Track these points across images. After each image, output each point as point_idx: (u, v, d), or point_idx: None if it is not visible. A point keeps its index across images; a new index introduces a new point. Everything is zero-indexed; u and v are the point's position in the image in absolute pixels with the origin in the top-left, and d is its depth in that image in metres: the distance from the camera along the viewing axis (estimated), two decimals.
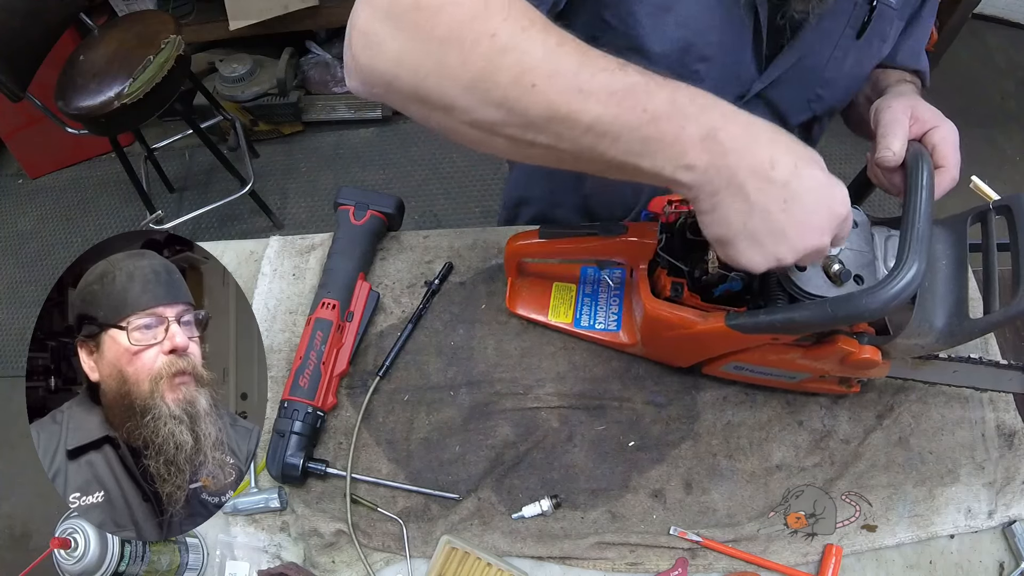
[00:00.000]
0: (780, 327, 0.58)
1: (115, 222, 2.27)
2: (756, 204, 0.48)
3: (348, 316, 0.82)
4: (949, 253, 0.63)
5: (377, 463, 0.77)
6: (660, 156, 0.48)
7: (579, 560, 0.71)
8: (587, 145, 0.49)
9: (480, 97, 0.49)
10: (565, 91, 0.47)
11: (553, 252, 0.77)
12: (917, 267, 0.51)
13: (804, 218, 0.49)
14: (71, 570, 0.60)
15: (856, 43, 0.74)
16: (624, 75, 0.48)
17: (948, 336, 0.60)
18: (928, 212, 0.55)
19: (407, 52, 0.49)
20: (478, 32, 0.47)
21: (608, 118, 0.47)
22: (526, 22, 0.48)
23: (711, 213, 0.50)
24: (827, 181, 0.50)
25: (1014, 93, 2.41)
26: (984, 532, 0.72)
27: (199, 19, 2.12)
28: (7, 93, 1.51)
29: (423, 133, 2.35)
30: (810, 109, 0.81)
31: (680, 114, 0.47)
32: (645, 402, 0.79)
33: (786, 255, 0.50)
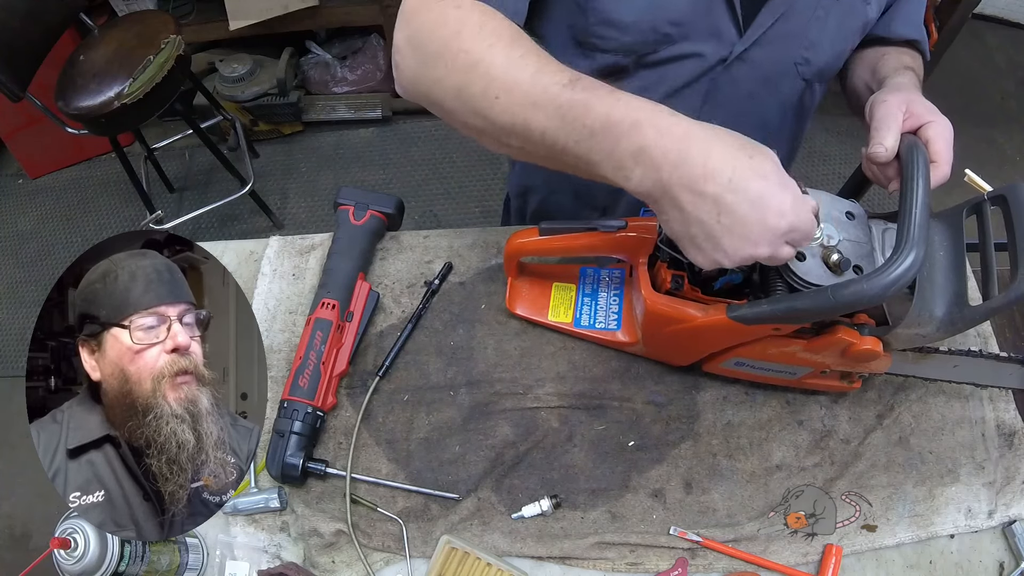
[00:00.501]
0: (782, 316, 0.58)
1: (115, 222, 2.27)
2: (691, 215, 0.52)
3: (348, 316, 0.82)
4: (946, 244, 0.63)
5: (377, 463, 0.77)
6: (602, 166, 0.53)
7: (579, 560, 0.71)
8: (546, 152, 0.56)
9: (464, 105, 0.57)
10: (521, 103, 0.54)
11: (553, 249, 0.77)
12: (916, 252, 0.51)
13: (737, 230, 0.51)
14: (71, 570, 0.60)
15: (838, 2, 0.74)
16: (571, 90, 0.53)
17: (949, 324, 0.60)
18: (925, 200, 0.55)
19: (417, 67, 0.59)
20: (455, 49, 0.56)
21: (553, 130, 0.54)
22: (493, 38, 0.56)
23: (659, 216, 0.55)
24: (766, 192, 0.51)
25: (1014, 93, 2.41)
26: (984, 532, 0.72)
27: (199, 19, 2.12)
28: (7, 93, 1.51)
29: (423, 133, 2.35)
30: (798, 73, 0.80)
31: (614, 131, 0.52)
32: (645, 402, 0.79)
33: (723, 260, 0.53)
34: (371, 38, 2.28)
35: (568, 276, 0.86)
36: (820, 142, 2.23)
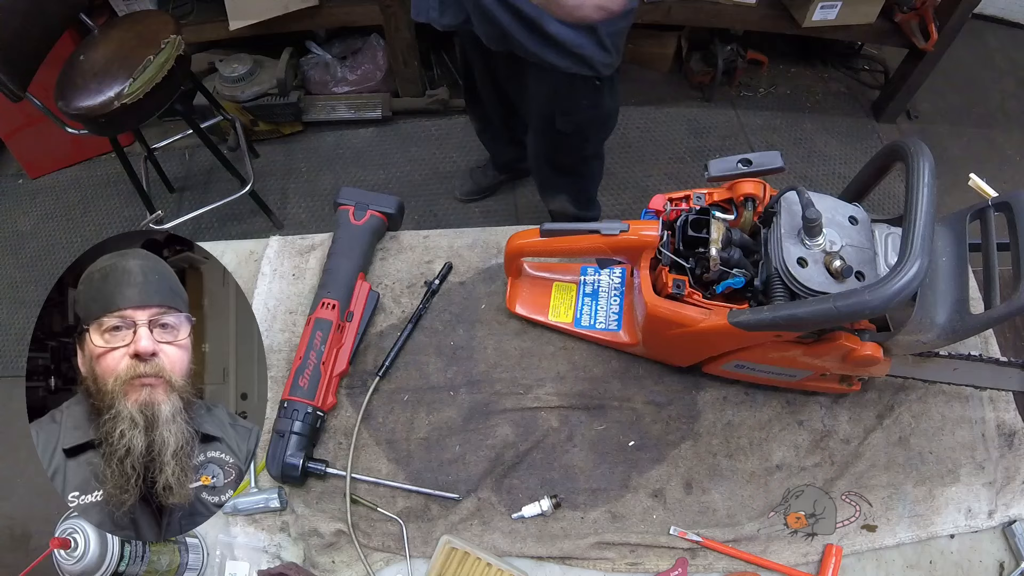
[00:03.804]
0: (784, 324, 0.58)
1: (115, 222, 2.27)
2: None
3: (348, 316, 0.82)
4: (949, 250, 0.63)
5: (377, 463, 0.77)
6: None
7: (579, 560, 0.71)
8: None
9: None
10: None
11: (553, 251, 0.77)
12: (920, 263, 0.51)
13: None
14: (71, 570, 0.60)
15: None
16: None
17: (950, 332, 0.60)
18: (930, 210, 0.55)
19: None
20: None
21: None
22: None
23: None
24: None
25: (1014, 93, 2.41)
26: (984, 532, 0.72)
27: (199, 19, 2.12)
28: (7, 93, 1.50)
29: (423, 133, 2.35)
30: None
31: None
32: (645, 402, 0.79)
33: None
34: (371, 38, 2.28)
35: (569, 276, 0.86)
36: (820, 142, 2.23)
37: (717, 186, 0.69)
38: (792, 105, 2.31)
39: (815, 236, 0.60)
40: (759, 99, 2.37)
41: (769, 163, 0.66)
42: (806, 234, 0.60)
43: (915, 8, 1.96)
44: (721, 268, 0.63)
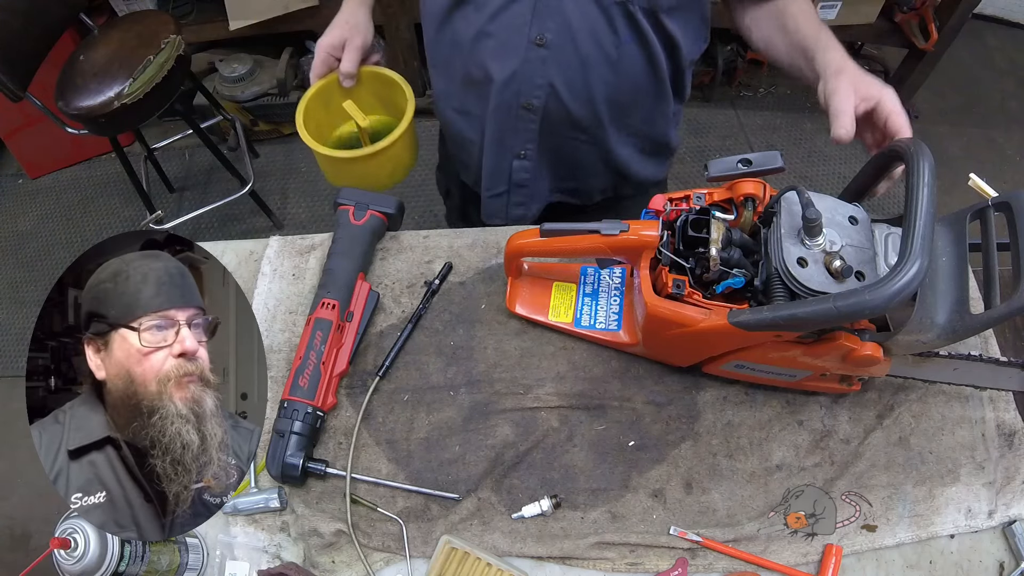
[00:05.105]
0: (784, 324, 0.58)
1: (115, 222, 2.27)
2: None
3: (348, 316, 0.82)
4: (949, 250, 0.63)
5: (377, 463, 0.77)
6: None
7: (579, 560, 0.71)
8: None
9: None
10: None
11: (553, 251, 0.77)
12: (920, 263, 0.51)
13: None
14: (71, 570, 0.60)
15: None
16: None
17: (950, 332, 0.60)
18: (930, 209, 0.55)
19: None
20: None
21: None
22: None
23: None
24: None
25: (1014, 93, 2.41)
26: (984, 532, 0.72)
27: (199, 19, 2.12)
28: (7, 93, 1.50)
29: (423, 133, 2.35)
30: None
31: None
32: (645, 402, 0.79)
33: None
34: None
35: (569, 276, 0.86)
36: (820, 142, 2.23)
37: (717, 186, 0.69)
38: (792, 105, 2.32)
39: (815, 236, 0.60)
40: (759, 99, 2.37)
41: (769, 163, 0.66)
42: (806, 234, 0.60)
43: (915, 8, 1.96)
44: (721, 268, 0.63)
